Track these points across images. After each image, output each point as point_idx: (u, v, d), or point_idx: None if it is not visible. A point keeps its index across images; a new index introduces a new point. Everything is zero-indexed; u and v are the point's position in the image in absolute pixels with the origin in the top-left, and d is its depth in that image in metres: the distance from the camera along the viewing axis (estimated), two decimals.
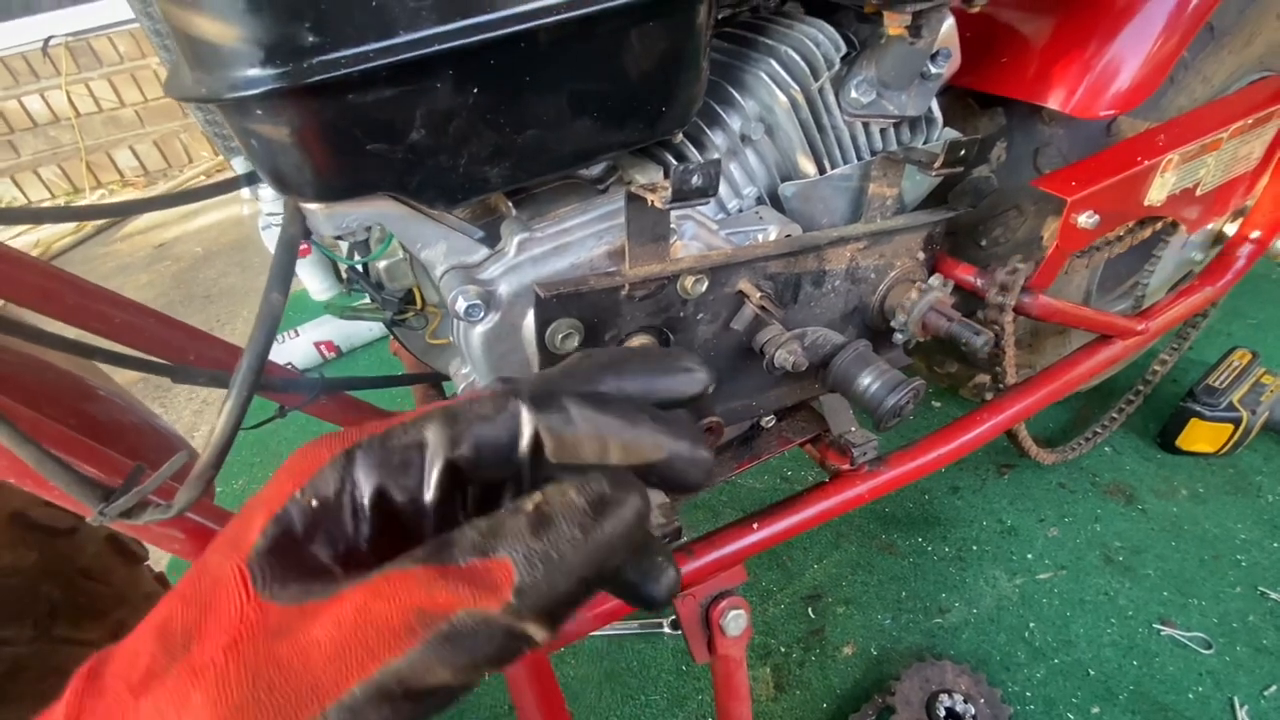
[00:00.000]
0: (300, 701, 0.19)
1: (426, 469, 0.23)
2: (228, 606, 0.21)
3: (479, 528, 0.21)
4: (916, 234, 0.71)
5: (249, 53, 0.39)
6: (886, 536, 1.20)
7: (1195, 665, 0.97)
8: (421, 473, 0.23)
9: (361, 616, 0.19)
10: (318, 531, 0.23)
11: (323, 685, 0.19)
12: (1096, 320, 0.92)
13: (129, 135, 3.31)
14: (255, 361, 0.46)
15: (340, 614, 0.20)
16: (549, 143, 0.51)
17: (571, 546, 0.20)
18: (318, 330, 1.83)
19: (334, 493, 0.23)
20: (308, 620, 0.20)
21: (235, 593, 0.21)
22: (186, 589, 0.22)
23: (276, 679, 0.19)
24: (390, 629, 0.19)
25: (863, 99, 0.65)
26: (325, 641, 0.19)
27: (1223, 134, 0.85)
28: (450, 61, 0.44)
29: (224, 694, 0.19)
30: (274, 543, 0.22)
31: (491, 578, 0.20)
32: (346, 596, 0.20)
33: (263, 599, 0.21)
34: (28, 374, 0.66)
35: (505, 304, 0.57)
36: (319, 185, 0.46)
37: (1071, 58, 0.76)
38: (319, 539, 0.23)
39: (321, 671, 0.19)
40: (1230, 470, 1.22)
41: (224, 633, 0.20)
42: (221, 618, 0.21)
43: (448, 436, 0.23)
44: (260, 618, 0.20)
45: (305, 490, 0.23)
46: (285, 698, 0.19)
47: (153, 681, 0.20)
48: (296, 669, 0.19)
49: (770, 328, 0.62)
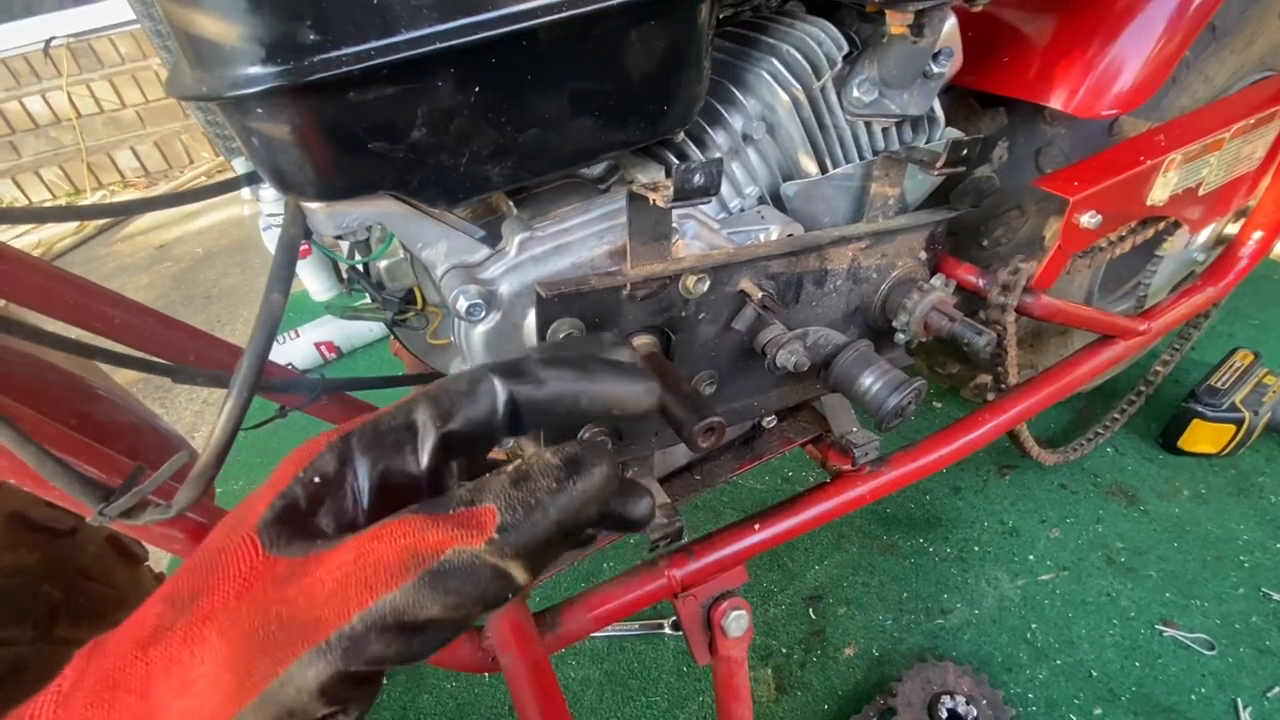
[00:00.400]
0: (306, 631, 0.20)
1: (419, 444, 0.26)
2: (237, 564, 0.23)
3: (466, 486, 0.24)
4: (918, 234, 0.71)
5: (250, 51, 0.39)
6: (888, 537, 1.19)
7: (1198, 666, 0.97)
8: (414, 450, 0.26)
9: (360, 556, 0.22)
10: (320, 506, 0.25)
11: (326, 617, 0.21)
12: (1098, 320, 0.92)
13: (130, 136, 3.31)
14: (255, 362, 0.45)
15: (341, 556, 0.22)
16: (550, 142, 0.51)
17: (548, 495, 0.23)
18: (318, 331, 1.83)
19: (334, 471, 0.25)
20: (311, 565, 0.22)
21: (244, 553, 0.23)
22: (191, 564, 0.24)
23: (285, 612, 0.21)
24: (386, 566, 0.21)
25: (865, 98, 0.65)
26: (328, 579, 0.21)
27: (1225, 134, 0.85)
28: (452, 60, 0.43)
29: (237, 628, 0.21)
30: (280, 514, 0.24)
31: (477, 520, 0.22)
32: (348, 543, 0.22)
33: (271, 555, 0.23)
34: (28, 374, 0.66)
35: (506, 303, 0.56)
36: (320, 184, 0.46)
37: (1074, 57, 0.76)
38: (322, 513, 0.25)
39: (324, 605, 0.21)
40: (1232, 471, 1.22)
41: (233, 583, 0.22)
42: (230, 574, 0.23)
43: (435, 414, 0.26)
44: (268, 568, 0.22)
45: (307, 470, 0.25)
46: (293, 629, 0.21)
47: (161, 634, 0.22)
48: (302, 604, 0.21)
49: (772, 328, 0.62)
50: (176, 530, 0.53)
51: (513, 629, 0.64)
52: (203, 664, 0.21)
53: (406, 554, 0.21)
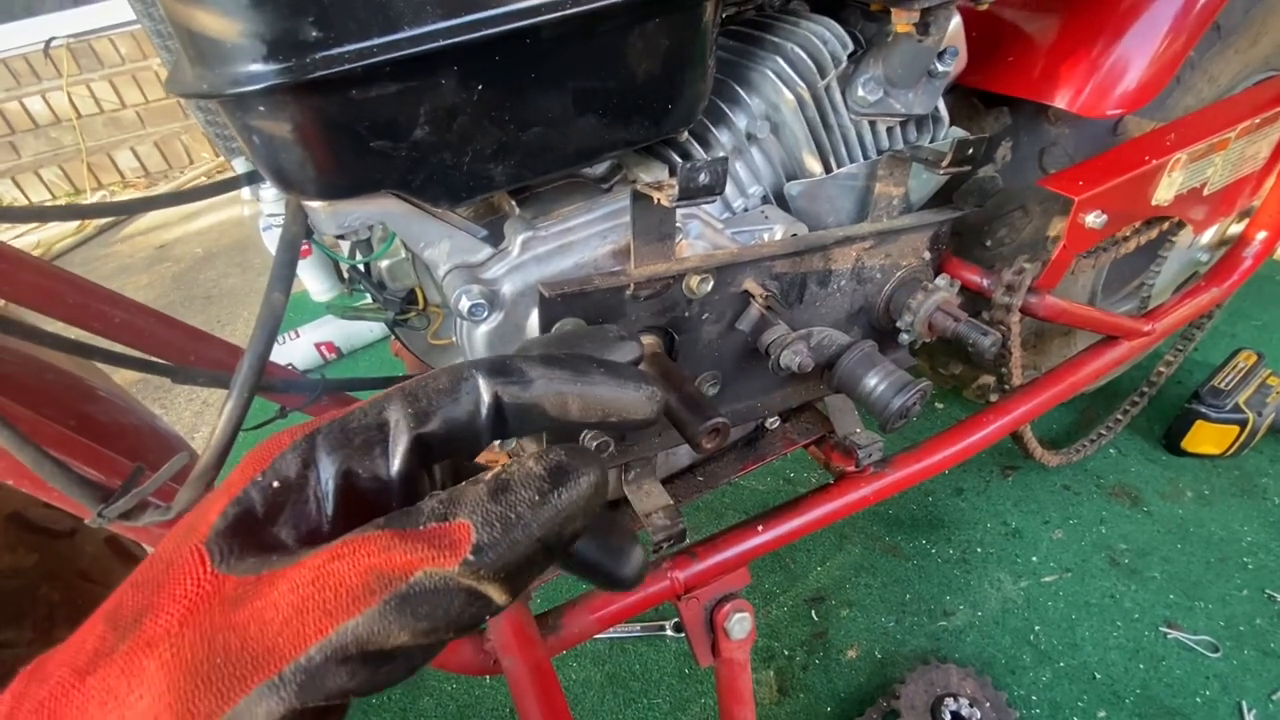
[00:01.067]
0: (257, 664, 0.18)
1: (391, 446, 0.24)
2: (182, 582, 0.20)
3: (439, 497, 0.21)
4: (923, 234, 0.71)
5: (251, 48, 0.38)
6: (890, 539, 1.19)
7: (1202, 669, 0.97)
8: (385, 452, 0.24)
9: (319, 578, 0.19)
10: (279, 513, 0.23)
11: (279, 647, 0.18)
12: (1102, 321, 0.92)
13: (130, 136, 3.31)
14: (256, 362, 0.45)
15: (298, 577, 0.20)
16: (554, 140, 0.50)
17: (529, 509, 0.20)
18: (318, 331, 1.82)
19: (295, 474, 0.23)
20: (264, 587, 0.20)
21: (191, 569, 0.21)
22: (138, 576, 0.22)
23: (233, 642, 0.19)
24: (347, 589, 0.19)
25: (869, 97, 0.65)
26: (282, 604, 0.19)
27: (1230, 134, 0.85)
28: (455, 57, 0.43)
29: (178, 660, 0.19)
30: (233, 523, 0.22)
31: (450, 538, 0.20)
32: (305, 562, 0.20)
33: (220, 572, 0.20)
34: (27, 374, 0.65)
35: (509, 303, 0.56)
36: (321, 183, 0.46)
37: (1078, 57, 0.76)
38: (281, 520, 0.23)
39: (278, 634, 0.19)
40: (1236, 472, 1.22)
41: (178, 605, 0.20)
42: (175, 593, 0.20)
43: (410, 413, 0.24)
44: (216, 588, 0.20)
45: (266, 473, 0.23)
46: (241, 661, 0.18)
47: (100, 660, 0.19)
48: (253, 632, 0.19)
49: (776, 328, 0.62)
50: None
51: (514, 631, 0.64)
52: (140, 699, 0.18)
53: (371, 575, 0.19)
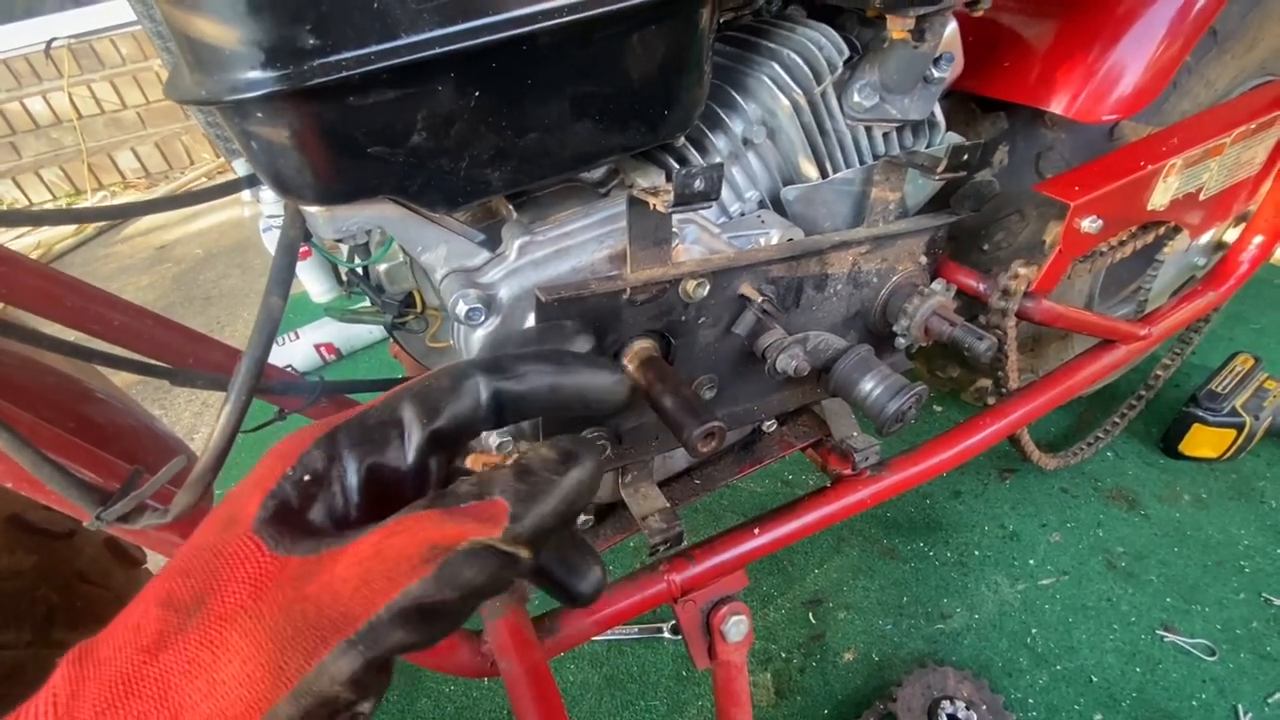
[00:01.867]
0: (334, 626, 0.21)
1: (406, 441, 0.27)
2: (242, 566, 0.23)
3: (470, 480, 0.25)
4: (919, 238, 0.71)
5: (249, 55, 0.38)
6: (888, 541, 1.19)
7: (1199, 672, 0.97)
8: (400, 446, 0.27)
9: (380, 551, 0.22)
10: (311, 504, 0.25)
11: (352, 611, 0.21)
12: (1099, 325, 0.92)
13: (130, 137, 3.31)
14: (254, 365, 0.45)
15: (359, 552, 0.22)
16: (551, 146, 0.51)
17: (549, 484, 0.24)
18: (318, 333, 1.83)
19: (323, 468, 0.26)
20: (327, 563, 0.23)
21: (248, 554, 0.23)
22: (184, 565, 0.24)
23: (309, 610, 0.21)
24: (407, 559, 0.22)
25: (865, 103, 0.65)
26: (350, 575, 0.22)
27: (1226, 139, 0.85)
28: (452, 64, 0.43)
29: (262, 627, 0.21)
30: (274, 513, 0.24)
31: (489, 513, 0.23)
32: (364, 539, 0.23)
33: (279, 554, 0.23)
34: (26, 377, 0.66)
35: (506, 307, 0.56)
36: (319, 188, 0.46)
37: (1074, 62, 0.76)
38: (313, 510, 0.26)
39: (350, 599, 0.21)
40: (1233, 476, 1.22)
41: (244, 585, 0.22)
42: (237, 575, 0.23)
43: (422, 411, 0.27)
44: (279, 568, 0.23)
45: (296, 468, 0.26)
46: (319, 625, 0.21)
47: (171, 638, 0.22)
48: (326, 600, 0.21)
49: (772, 332, 0.62)
50: (174, 535, 0.53)
51: (512, 633, 0.64)
52: (229, 664, 0.21)
53: (426, 546, 0.22)
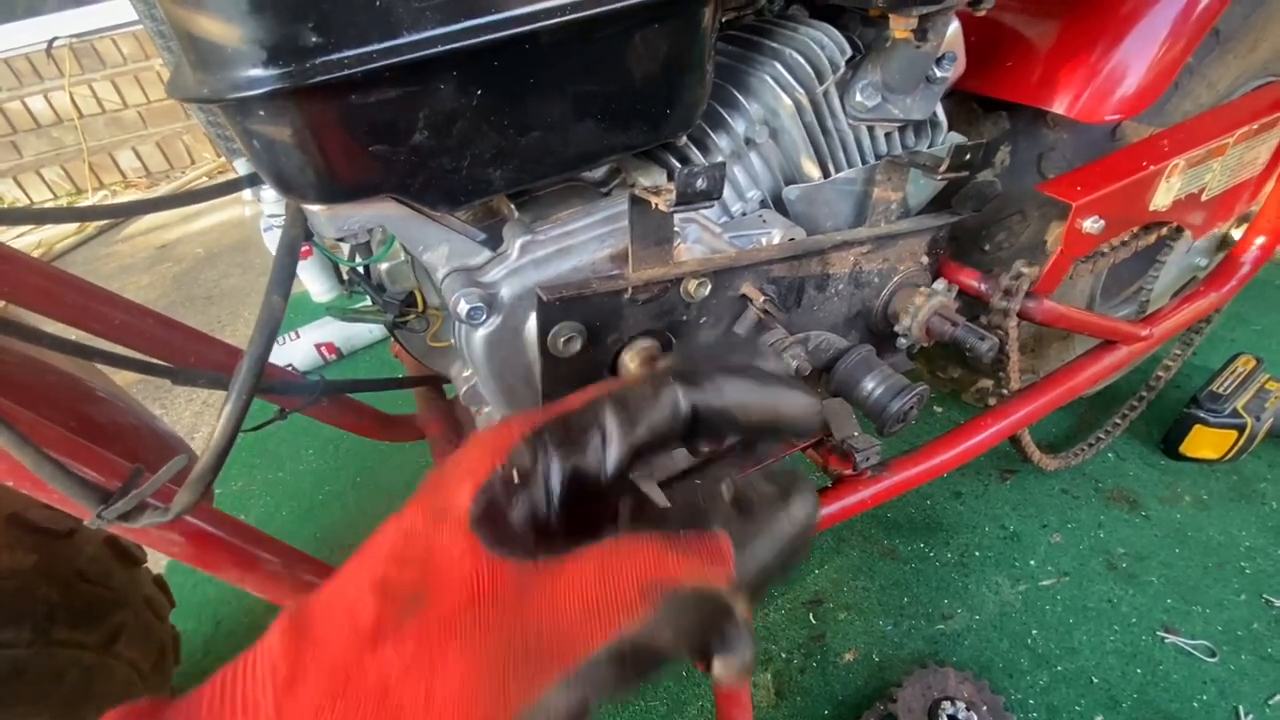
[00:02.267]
0: (553, 658, 0.20)
1: (607, 450, 0.26)
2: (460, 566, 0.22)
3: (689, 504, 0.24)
4: (921, 238, 0.71)
5: (252, 53, 0.38)
6: (888, 542, 1.19)
7: (1199, 673, 0.97)
8: (599, 452, 0.26)
9: (602, 579, 0.21)
10: (515, 503, 0.24)
11: (574, 644, 0.20)
12: (1101, 326, 0.92)
13: (131, 136, 3.31)
14: (255, 364, 0.45)
15: (580, 576, 0.21)
16: (553, 145, 0.51)
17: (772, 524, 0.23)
18: (318, 332, 1.83)
19: (530, 466, 0.25)
20: (546, 580, 0.21)
21: (465, 554, 0.22)
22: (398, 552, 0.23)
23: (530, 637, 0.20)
24: (630, 592, 0.20)
25: (868, 102, 0.65)
26: (572, 601, 0.21)
27: (1228, 139, 0.85)
28: (454, 63, 0.43)
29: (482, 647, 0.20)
30: (486, 509, 0.23)
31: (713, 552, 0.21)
32: (585, 560, 0.22)
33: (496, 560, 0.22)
34: (27, 375, 0.66)
35: (507, 307, 0.56)
36: (321, 187, 0.46)
37: (1077, 62, 0.76)
38: (515, 509, 0.24)
39: (570, 632, 0.20)
40: (1234, 477, 1.22)
41: (461, 589, 0.21)
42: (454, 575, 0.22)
43: (624, 419, 0.26)
44: (497, 575, 0.22)
45: (506, 465, 0.25)
46: (541, 655, 0.20)
47: (389, 633, 0.21)
48: (547, 628, 0.20)
49: (773, 332, 0.62)
50: (175, 533, 0.53)
51: None
52: (449, 680, 0.20)
53: (648, 581, 0.21)
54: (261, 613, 1.21)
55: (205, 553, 0.55)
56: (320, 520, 1.39)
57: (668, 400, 0.26)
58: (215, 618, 1.22)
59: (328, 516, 1.40)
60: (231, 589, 1.25)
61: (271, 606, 1.30)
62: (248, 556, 0.57)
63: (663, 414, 0.26)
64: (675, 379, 0.27)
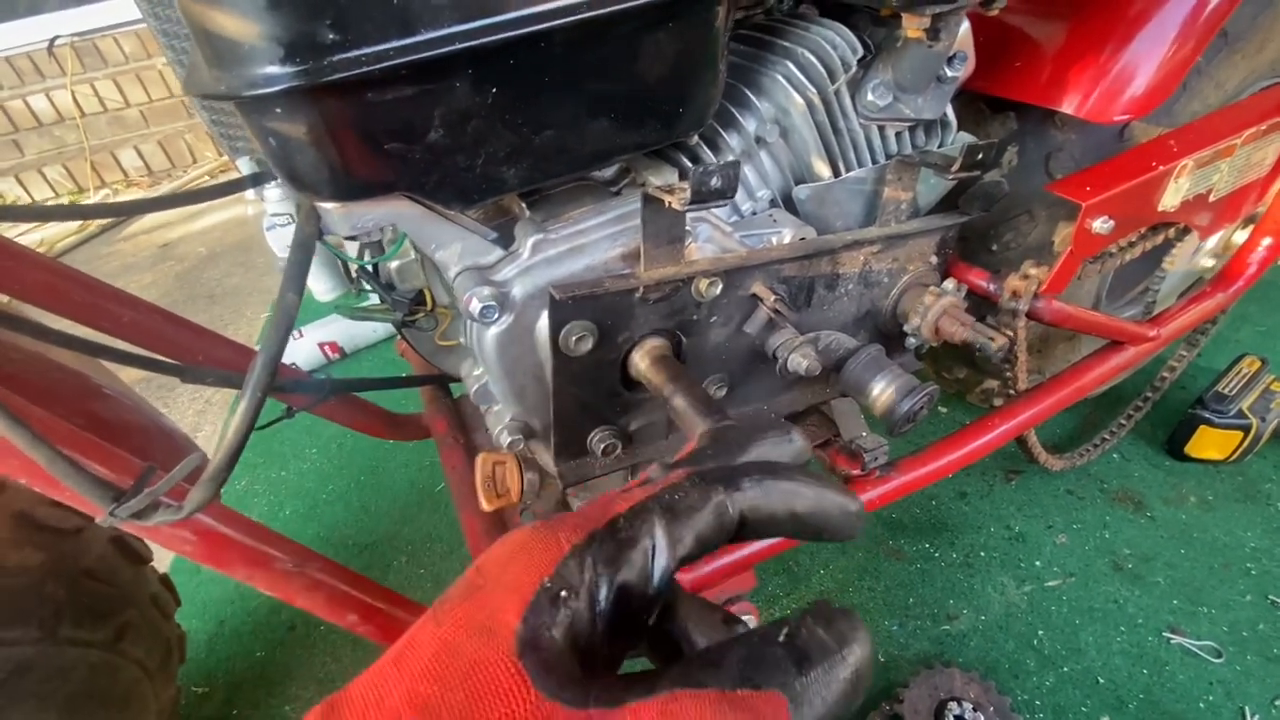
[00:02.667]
0: None
1: (654, 565, 0.25)
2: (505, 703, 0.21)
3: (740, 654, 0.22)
4: (930, 238, 0.71)
5: (268, 50, 0.38)
6: (894, 542, 1.19)
7: (1205, 674, 0.97)
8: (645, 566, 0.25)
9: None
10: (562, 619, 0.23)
11: None
12: (1108, 326, 0.92)
13: (133, 135, 3.31)
14: (269, 362, 0.45)
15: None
16: (566, 143, 0.50)
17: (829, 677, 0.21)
18: (322, 331, 1.82)
19: (577, 584, 0.23)
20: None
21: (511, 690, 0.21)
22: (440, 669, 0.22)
23: None
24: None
25: (879, 102, 0.65)
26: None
27: (1236, 140, 0.85)
28: (469, 61, 0.43)
29: None
30: (534, 633, 0.22)
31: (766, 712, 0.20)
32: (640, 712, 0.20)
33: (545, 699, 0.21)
34: (35, 372, 0.66)
35: (519, 305, 0.56)
36: (336, 185, 0.46)
37: (1086, 63, 0.76)
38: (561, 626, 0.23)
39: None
40: (1239, 478, 1.22)
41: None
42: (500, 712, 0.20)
43: (673, 537, 0.25)
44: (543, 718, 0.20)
45: (554, 580, 0.23)
46: None
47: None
48: None
49: (783, 331, 0.62)
50: (187, 531, 0.52)
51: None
52: None
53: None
54: (264, 613, 1.21)
55: (217, 551, 0.55)
56: (324, 519, 1.39)
57: (718, 509, 0.26)
58: (219, 617, 1.22)
59: (331, 515, 1.39)
60: (234, 589, 1.26)
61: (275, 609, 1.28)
62: (259, 555, 0.57)
63: (712, 524, 0.26)
64: (725, 488, 0.26)
